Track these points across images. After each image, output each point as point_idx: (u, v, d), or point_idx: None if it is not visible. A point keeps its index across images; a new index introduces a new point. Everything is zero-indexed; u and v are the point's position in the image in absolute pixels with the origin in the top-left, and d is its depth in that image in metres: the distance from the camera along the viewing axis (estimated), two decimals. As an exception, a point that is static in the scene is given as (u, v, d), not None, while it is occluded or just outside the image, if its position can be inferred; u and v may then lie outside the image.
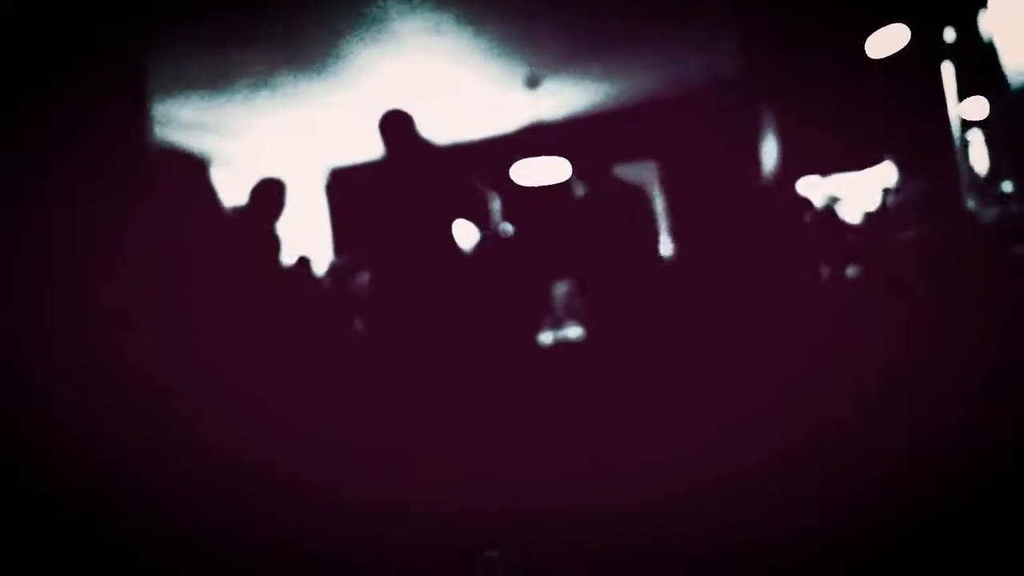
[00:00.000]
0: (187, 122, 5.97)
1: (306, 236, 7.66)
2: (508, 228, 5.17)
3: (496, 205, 5.13)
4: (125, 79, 3.38)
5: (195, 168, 3.94)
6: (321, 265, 6.27)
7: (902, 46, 3.91)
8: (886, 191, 4.21)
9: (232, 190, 7.09)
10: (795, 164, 4.60)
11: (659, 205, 6.96)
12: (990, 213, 3.66)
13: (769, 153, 4.76)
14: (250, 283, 3.89)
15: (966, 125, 4.08)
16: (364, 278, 5.65)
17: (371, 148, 3.75)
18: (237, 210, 4.23)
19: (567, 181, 6.35)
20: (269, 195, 4.22)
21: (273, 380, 4.11)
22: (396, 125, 3.64)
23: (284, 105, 6.00)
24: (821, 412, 3.07)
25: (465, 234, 3.99)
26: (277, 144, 7.05)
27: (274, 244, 4.31)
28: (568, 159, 6.26)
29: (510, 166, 6.55)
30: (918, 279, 3.71)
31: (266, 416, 3.65)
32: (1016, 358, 2.90)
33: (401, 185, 3.55)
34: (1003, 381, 2.88)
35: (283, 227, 4.31)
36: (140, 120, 3.54)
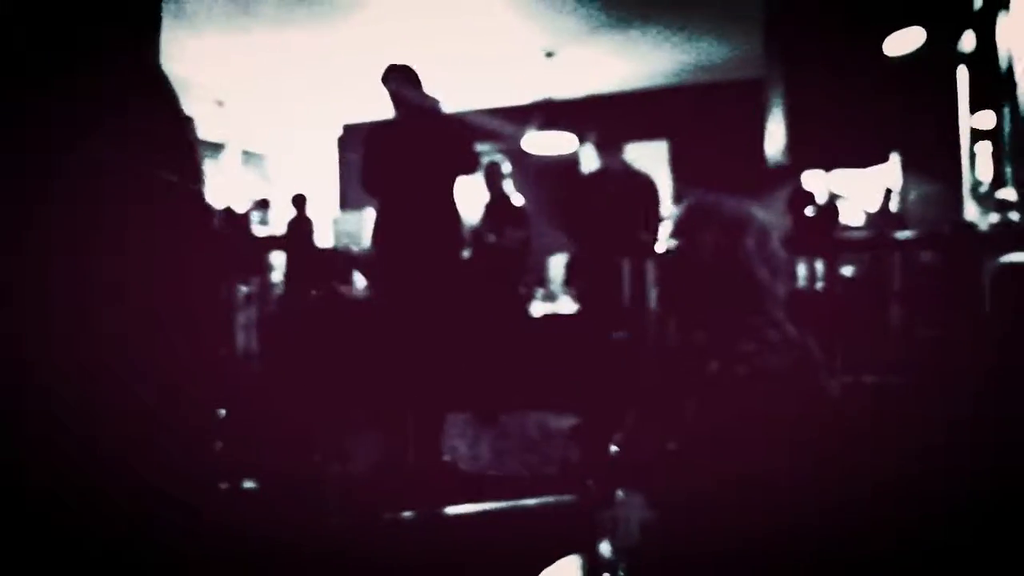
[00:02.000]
0: (197, 59, 5.94)
1: (313, 181, 7.68)
2: (514, 197, 5.17)
3: (501, 172, 5.12)
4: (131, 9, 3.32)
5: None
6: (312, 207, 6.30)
7: (918, 47, 3.90)
8: (889, 192, 4.23)
9: (240, 132, 7.09)
10: (803, 155, 4.60)
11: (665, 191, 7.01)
12: (989, 219, 3.68)
13: (779, 141, 4.76)
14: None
15: (976, 133, 4.08)
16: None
17: (379, 102, 3.74)
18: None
19: (575, 155, 6.35)
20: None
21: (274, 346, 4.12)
22: (399, 79, 3.61)
23: (295, 51, 5.98)
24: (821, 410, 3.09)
25: (466, 196, 4.00)
26: (287, 89, 7.04)
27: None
28: (581, 134, 6.27)
29: (521, 134, 6.55)
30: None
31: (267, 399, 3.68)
32: (1009, 366, 2.92)
33: (402, 140, 3.54)
34: (995, 386, 2.91)
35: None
36: (149, 54, 3.47)
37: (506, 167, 5.15)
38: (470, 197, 4.38)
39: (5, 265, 1.14)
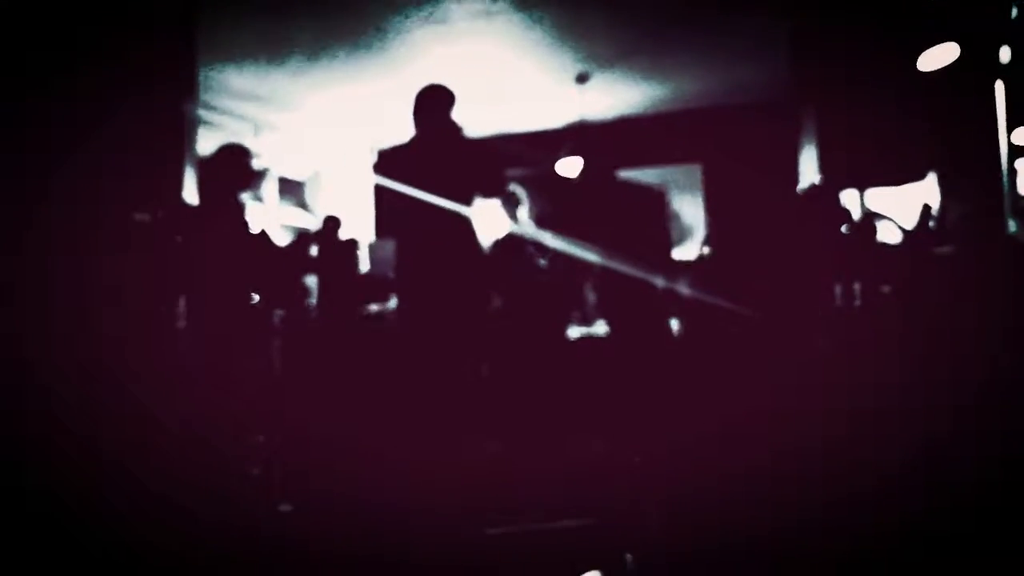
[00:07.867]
0: (236, 90, 6.07)
1: (348, 211, 7.76)
2: (532, 227, 5.13)
3: (524, 198, 5.09)
4: (175, 46, 3.38)
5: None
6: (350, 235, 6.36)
7: (952, 61, 3.87)
8: (927, 208, 4.16)
9: (278, 160, 7.19)
10: (837, 175, 4.57)
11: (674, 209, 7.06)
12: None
13: (811, 162, 4.73)
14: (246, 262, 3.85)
15: (1014, 149, 4.02)
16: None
17: (410, 126, 3.77)
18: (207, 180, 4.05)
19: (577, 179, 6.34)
20: (235, 163, 3.99)
21: (279, 366, 4.16)
22: (433, 101, 3.63)
23: (331, 80, 6.10)
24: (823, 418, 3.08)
25: (488, 222, 3.99)
26: (322, 118, 7.15)
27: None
28: (582, 160, 6.28)
29: (553, 160, 6.58)
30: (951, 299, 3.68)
31: (269, 406, 3.70)
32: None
33: (427, 163, 3.56)
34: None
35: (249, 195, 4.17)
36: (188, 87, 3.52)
37: (529, 193, 5.12)
38: (490, 221, 4.38)
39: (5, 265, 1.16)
